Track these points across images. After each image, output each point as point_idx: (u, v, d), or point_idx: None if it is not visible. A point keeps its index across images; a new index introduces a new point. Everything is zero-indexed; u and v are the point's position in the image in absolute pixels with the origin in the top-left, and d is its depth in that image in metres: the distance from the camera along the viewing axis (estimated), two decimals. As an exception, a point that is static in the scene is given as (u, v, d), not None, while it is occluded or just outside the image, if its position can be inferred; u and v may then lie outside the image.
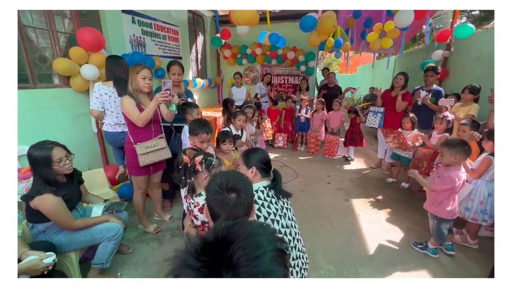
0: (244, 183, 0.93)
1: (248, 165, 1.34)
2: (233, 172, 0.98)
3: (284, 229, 1.21)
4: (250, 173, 1.32)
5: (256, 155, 1.36)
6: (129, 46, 3.40)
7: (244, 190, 0.90)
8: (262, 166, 1.35)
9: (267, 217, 1.17)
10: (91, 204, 1.80)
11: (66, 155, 1.59)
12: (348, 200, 3.03)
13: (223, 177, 0.92)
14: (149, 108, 1.87)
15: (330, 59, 18.66)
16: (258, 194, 1.22)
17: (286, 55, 5.55)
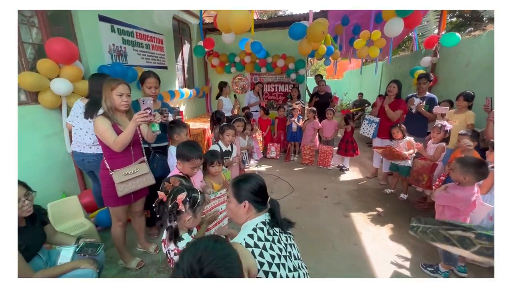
0: (226, 263, 0.66)
1: (240, 198, 1.12)
2: (208, 244, 0.69)
3: (292, 273, 1.01)
4: (243, 208, 1.11)
5: (248, 185, 1.13)
6: (108, 57, 3.14)
7: (226, 274, 0.65)
8: (257, 198, 1.13)
9: (271, 263, 0.97)
10: (59, 247, 1.52)
11: (26, 194, 1.33)
12: (348, 216, 2.87)
13: (194, 257, 0.65)
14: (127, 131, 1.60)
15: (317, 64, 18.89)
16: (258, 233, 1.02)
17: (275, 63, 5.44)
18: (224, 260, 0.66)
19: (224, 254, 0.68)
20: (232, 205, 1.15)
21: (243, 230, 1.09)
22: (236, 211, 1.13)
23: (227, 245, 0.72)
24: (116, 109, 1.70)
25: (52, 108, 2.47)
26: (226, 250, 0.70)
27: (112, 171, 1.68)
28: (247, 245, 0.98)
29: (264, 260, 0.96)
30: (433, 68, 4.86)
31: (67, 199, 2.15)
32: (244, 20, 2.66)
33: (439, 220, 1.53)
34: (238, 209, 1.12)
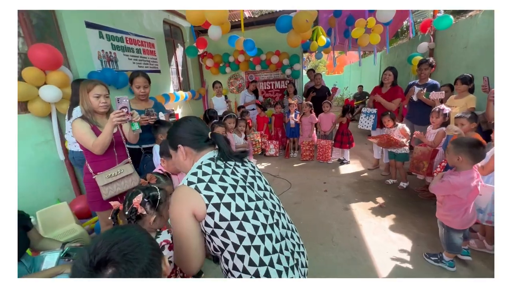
0: (123, 245, 0.57)
1: (173, 146, 1.01)
2: (106, 234, 0.61)
3: (255, 203, 0.88)
4: (180, 154, 0.99)
5: (176, 128, 1.02)
6: (97, 63, 3.15)
7: (126, 256, 0.56)
8: (191, 137, 0.99)
9: (223, 194, 0.85)
10: (43, 253, 1.49)
11: None
12: (348, 209, 2.78)
13: (90, 248, 0.57)
14: (105, 132, 1.55)
15: (317, 61, 18.77)
16: (203, 169, 0.90)
17: (270, 60, 5.39)
18: (122, 242, 0.57)
19: (122, 236, 0.59)
20: (173, 157, 1.05)
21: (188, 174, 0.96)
22: (177, 160, 1.02)
23: (130, 230, 0.63)
24: (95, 111, 1.67)
25: (43, 116, 2.48)
26: (126, 234, 0.60)
27: (95, 175, 1.65)
28: (189, 183, 0.86)
29: (212, 192, 0.84)
30: (431, 53, 4.73)
31: (56, 205, 2.13)
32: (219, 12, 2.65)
33: None
34: (177, 158, 1.01)
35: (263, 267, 0.80)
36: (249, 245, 0.81)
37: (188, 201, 0.84)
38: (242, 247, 0.81)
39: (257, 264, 0.80)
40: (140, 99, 2.29)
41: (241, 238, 0.81)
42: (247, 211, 0.85)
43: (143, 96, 2.26)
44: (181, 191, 0.87)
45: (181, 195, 0.86)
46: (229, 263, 0.82)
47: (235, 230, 0.82)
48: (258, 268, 0.80)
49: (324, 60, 19.52)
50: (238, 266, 0.81)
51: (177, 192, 0.87)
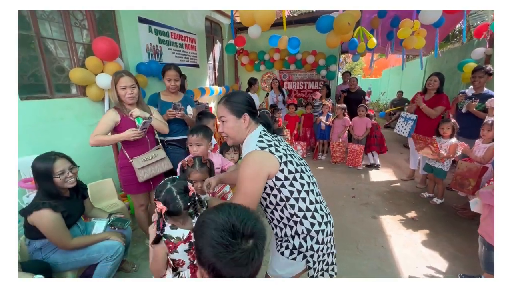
0: (260, 222, 0.62)
1: (238, 113, 1.08)
2: (241, 208, 0.63)
3: (300, 167, 1.08)
4: (243, 122, 1.09)
5: (241, 98, 1.11)
6: (145, 55, 3.41)
7: (263, 234, 0.60)
8: (252, 110, 1.12)
9: (286, 154, 1.04)
10: (94, 219, 1.70)
11: (70, 167, 1.50)
12: (376, 218, 2.68)
13: (231, 214, 0.59)
14: (113, 137, 1.71)
15: (353, 63, 18.00)
16: (265, 138, 1.06)
17: (305, 60, 5.33)
18: (259, 219, 0.62)
19: (255, 212, 0.64)
20: (231, 122, 1.09)
21: (249, 141, 1.08)
22: (237, 127, 1.09)
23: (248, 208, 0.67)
24: (124, 102, 1.80)
25: (97, 101, 2.77)
26: (255, 214, 0.64)
27: (131, 159, 1.80)
28: (262, 148, 1.00)
29: (280, 153, 1.02)
30: (487, 60, 4.27)
31: (103, 180, 2.38)
32: (268, 13, 2.67)
33: None
34: (239, 125, 1.09)
35: (314, 209, 1.05)
36: (304, 196, 1.04)
37: (264, 163, 0.98)
38: (304, 192, 1.03)
39: (311, 209, 1.04)
40: (171, 92, 2.29)
41: (302, 185, 1.04)
42: (299, 168, 1.06)
43: (174, 89, 2.25)
44: (258, 155, 1.00)
45: (258, 158, 0.99)
46: (295, 207, 1.02)
47: (299, 180, 1.03)
48: (316, 206, 1.06)
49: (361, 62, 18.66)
50: (302, 207, 1.03)
51: (254, 156, 1.00)
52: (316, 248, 1.05)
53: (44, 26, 2.36)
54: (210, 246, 0.56)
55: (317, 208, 1.06)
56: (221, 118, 1.12)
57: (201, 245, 0.58)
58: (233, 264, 0.55)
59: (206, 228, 0.58)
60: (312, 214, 1.04)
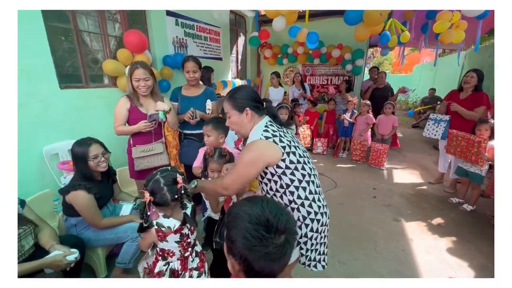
0: (292, 217, 0.64)
1: (240, 108, 1.13)
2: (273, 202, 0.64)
3: (303, 158, 1.13)
4: (245, 116, 1.13)
5: (242, 93, 1.15)
6: (171, 48, 3.52)
7: (294, 230, 0.63)
8: (255, 104, 1.15)
9: (289, 145, 1.09)
10: (121, 202, 1.82)
11: (103, 152, 1.62)
12: (398, 220, 2.57)
13: (264, 208, 0.60)
14: (130, 128, 1.84)
15: (382, 58, 17.06)
16: (270, 128, 1.11)
17: (330, 54, 5.15)
18: (290, 215, 0.64)
19: (288, 211, 0.64)
20: (235, 117, 1.15)
21: (254, 131, 1.13)
22: (240, 121, 1.15)
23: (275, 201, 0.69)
24: (137, 93, 1.87)
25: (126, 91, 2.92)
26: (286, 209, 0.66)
27: (133, 146, 1.91)
28: (266, 137, 1.06)
29: (283, 144, 1.07)
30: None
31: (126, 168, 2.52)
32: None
33: None
34: (241, 119, 1.14)
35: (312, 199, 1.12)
36: (305, 186, 1.10)
37: (266, 152, 1.05)
38: (305, 182, 1.10)
39: (309, 198, 1.11)
40: (190, 84, 2.21)
41: (303, 175, 1.10)
42: (301, 160, 1.11)
43: (193, 81, 2.16)
44: (261, 143, 1.05)
45: (261, 146, 1.05)
46: (294, 194, 1.10)
47: (300, 170, 1.09)
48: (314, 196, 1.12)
49: (390, 57, 17.63)
50: (302, 196, 1.10)
51: (257, 143, 1.06)
52: (310, 235, 1.11)
53: (81, 19, 2.52)
54: (244, 238, 0.57)
55: (315, 199, 1.13)
56: (226, 114, 1.18)
57: (234, 237, 0.59)
58: (267, 258, 0.56)
59: (240, 220, 0.59)
60: (310, 204, 1.11)
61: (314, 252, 1.16)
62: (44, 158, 2.15)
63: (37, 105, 2.13)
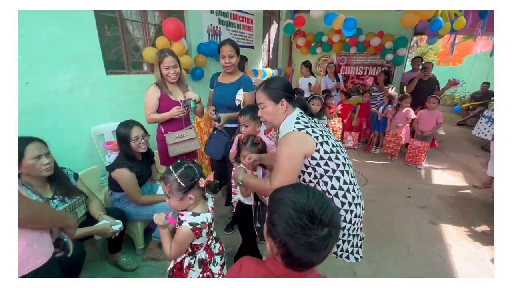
0: (337, 212, 0.63)
1: (276, 98, 1.13)
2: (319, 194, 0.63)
3: (336, 148, 1.13)
4: (281, 107, 1.14)
5: (278, 84, 1.15)
6: (206, 36, 3.57)
7: (339, 224, 0.62)
8: (289, 95, 1.16)
9: (322, 135, 1.09)
10: (158, 182, 1.95)
11: (143, 135, 1.73)
12: (435, 224, 2.40)
13: (309, 198, 0.59)
14: (163, 115, 1.86)
15: (426, 47, 15.51)
16: (302, 119, 1.11)
17: (369, 42, 4.83)
18: (335, 210, 0.63)
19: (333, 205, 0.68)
20: (269, 108, 1.15)
21: (286, 123, 1.13)
22: (275, 112, 1.15)
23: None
24: (165, 80, 1.90)
25: (163, 78, 3.06)
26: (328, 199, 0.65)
27: (165, 134, 1.95)
28: (299, 129, 1.07)
29: (316, 134, 1.08)
30: None
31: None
32: None
33: None
34: (276, 110, 1.15)
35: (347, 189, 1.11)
36: (338, 176, 1.10)
37: (302, 144, 1.05)
38: (339, 171, 1.09)
39: (344, 189, 1.10)
40: (227, 71, 2.00)
41: (337, 165, 1.09)
42: (334, 149, 1.10)
43: (229, 67, 1.95)
44: (295, 135, 1.06)
45: (295, 138, 1.06)
46: (328, 185, 1.10)
47: (334, 160, 1.08)
48: (348, 186, 1.12)
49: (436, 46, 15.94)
50: (335, 186, 1.10)
51: (291, 136, 1.07)
52: (343, 226, 1.11)
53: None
54: (286, 224, 0.57)
55: (350, 189, 1.12)
56: (260, 104, 1.17)
57: (276, 220, 0.60)
58: (307, 248, 0.56)
59: (283, 205, 0.60)
60: (344, 194, 1.10)
61: (347, 243, 1.16)
62: (92, 137, 2.37)
63: (87, 89, 2.33)
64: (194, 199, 1.06)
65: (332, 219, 0.59)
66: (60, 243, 0.97)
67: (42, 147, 1.29)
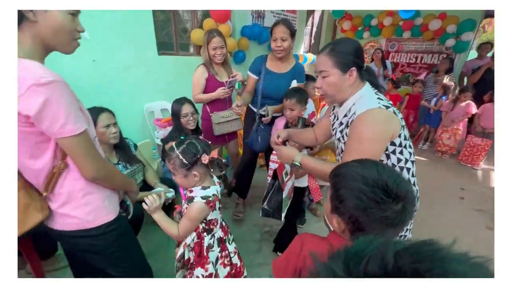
0: (411, 187, 0.59)
1: (344, 66, 0.90)
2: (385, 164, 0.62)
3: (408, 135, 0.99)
4: (348, 78, 0.91)
5: (349, 46, 0.91)
6: (250, 18, 3.53)
7: (414, 200, 0.58)
8: (361, 63, 0.93)
9: (400, 118, 0.92)
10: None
11: (192, 112, 1.82)
12: (493, 229, 2.16)
13: (380, 172, 0.57)
14: (208, 96, 1.90)
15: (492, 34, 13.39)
16: (379, 95, 0.92)
17: (426, 25, 4.32)
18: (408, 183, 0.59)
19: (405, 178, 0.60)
20: (334, 77, 0.91)
21: (364, 99, 0.91)
22: (340, 84, 0.92)
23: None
24: (213, 61, 1.91)
25: (207, 60, 3.14)
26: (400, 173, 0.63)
27: (211, 113, 2.00)
28: (386, 107, 0.87)
29: (399, 115, 0.91)
30: None
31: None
32: None
33: None
34: (342, 81, 0.92)
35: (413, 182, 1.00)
36: (409, 167, 0.97)
37: (390, 124, 0.87)
38: (410, 162, 0.96)
39: (411, 182, 0.98)
40: (277, 56, 1.72)
41: (410, 154, 0.96)
42: (407, 136, 0.95)
43: (280, 51, 1.69)
44: (382, 113, 0.86)
45: (382, 117, 0.87)
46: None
47: (408, 148, 0.94)
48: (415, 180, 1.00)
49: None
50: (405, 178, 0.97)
51: (377, 113, 0.86)
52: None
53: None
54: (358, 199, 0.56)
55: (415, 182, 1.01)
56: (321, 72, 0.93)
57: (344, 196, 0.58)
58: (383, 222, 0.54)
59: (352, 181, 0.58)
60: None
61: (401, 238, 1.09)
62: (144, 114, 2.56)
63: (142, 68, 2.49)
64: (199, 176, 1.01)
65: (408, 194, 0.56)
66: (123, 205, 1.07)
67: (111, 117, 1.43)
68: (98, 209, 0.87)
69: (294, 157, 1.07)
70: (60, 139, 0.70)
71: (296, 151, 1.11)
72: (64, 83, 0.68)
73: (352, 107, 0.94)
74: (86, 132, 0.74)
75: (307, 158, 1.05)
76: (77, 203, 0.83)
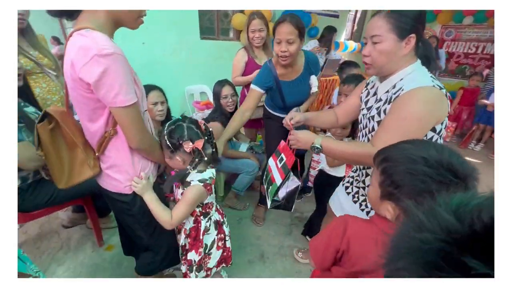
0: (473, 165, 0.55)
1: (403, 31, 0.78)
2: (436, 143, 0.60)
3: None
4: (404, 46, 0.79)
5: (411, 12, 0.79)
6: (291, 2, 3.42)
7: (477, 179, 0.54)
8: (421, 31, 0.83)
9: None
10: (240, 141, 2.12)
11: (232, 94, 1.87)
12: None
13: (440, 152, 0.54)
14: (246, 78, 1.89)
15: None
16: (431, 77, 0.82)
17: (493, 11, 3.76)
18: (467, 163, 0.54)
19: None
20: (388, 44, 0.79)
21: (415, 74, 0.81)
22: (393, 53, 0.80)
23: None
24: (253, 45, 1.87)
25: (246, 45, 3.15)
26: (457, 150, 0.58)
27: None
28: (440, 87, 0.78)
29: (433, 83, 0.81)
30: None
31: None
32: None
33: None
34: (396, 50, 0.79)
35: None
36: None
37: (442, 106, 0.78)
38: None
39: None
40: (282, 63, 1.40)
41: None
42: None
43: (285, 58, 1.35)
44: (436, 93, 0.77)
45: (435, 98, 0.77)
46: None
47: (441, 139, 0.85)
48: None
49: None
50: None
51: (430, 92, 0.76)
52: None
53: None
54: (422, 183, 0.53)
55: None
56: (373, 37, 0.81)
57: (403, 181, 0.56)
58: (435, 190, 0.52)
59: (410, 163, 0.54)
60: None
61: None
62: (185, 96, 2.69)
63: (184, 52, 2.60)
64: (183, 162, 0.98)
65: (473, 172, 0.52)
66: (162, 178, 1.15)
67: (160, 95, 1.53)
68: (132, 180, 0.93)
69: (313, 139, 0.95)
70: (112, 108, 0.76)
71: (313, 134, 1.00)
72: (122, 56, 0.73)
73: (399, 82, 0.83)
74: (135, 105, 0.78)
75: (328, 140, 0.94)
76: (119, 168, 0.91)
